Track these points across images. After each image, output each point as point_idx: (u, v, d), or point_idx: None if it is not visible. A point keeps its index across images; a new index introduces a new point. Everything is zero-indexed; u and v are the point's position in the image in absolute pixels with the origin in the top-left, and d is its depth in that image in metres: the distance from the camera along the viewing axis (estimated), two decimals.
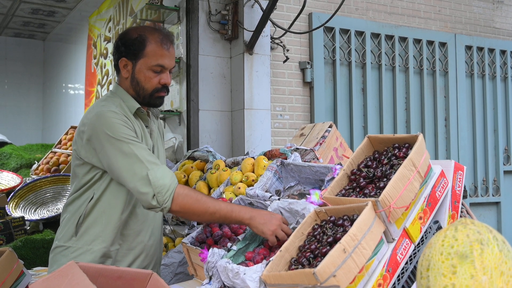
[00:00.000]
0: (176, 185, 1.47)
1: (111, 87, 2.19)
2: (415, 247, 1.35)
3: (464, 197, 4.85)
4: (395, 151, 1.45)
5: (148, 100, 1.63)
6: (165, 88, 1.64)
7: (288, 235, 1.42)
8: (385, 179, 1.37)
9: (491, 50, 4.45)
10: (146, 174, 1.44)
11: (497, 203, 4.42)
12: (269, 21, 2.91)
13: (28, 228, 2.94)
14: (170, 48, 1.62)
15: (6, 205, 2.97)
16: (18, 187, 3.21)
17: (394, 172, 1.33)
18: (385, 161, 1.44)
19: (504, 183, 4.44)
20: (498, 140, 4.44)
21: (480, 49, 4.40)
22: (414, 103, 4.04)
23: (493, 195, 4.40)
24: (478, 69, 4.40)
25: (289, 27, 3.08)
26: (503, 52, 4.52)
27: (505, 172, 4.47)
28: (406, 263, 1.32)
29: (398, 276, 1.29)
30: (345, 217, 1.31)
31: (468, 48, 4.33)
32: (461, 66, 4.26)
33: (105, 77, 4.96)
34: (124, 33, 1.66)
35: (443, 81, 4.23)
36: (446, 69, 4.21)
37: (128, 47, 1.61)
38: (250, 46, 3.00)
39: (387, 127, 3.91)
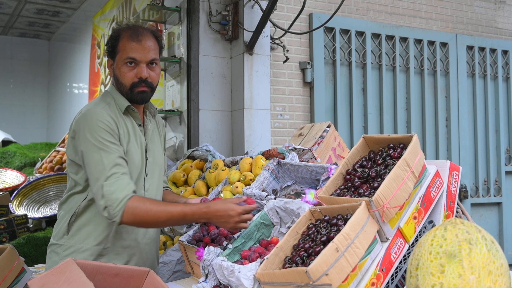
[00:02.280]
0: (129, 198, 1.46)
1: None
2: (409, 246, 1.36)
3: (465, 197, 4.77)
4: (390, 151, 1.46)
5: (130, 96, 1.62)
6: (143, 82, 1.61)
7: (250, 220, 1.49)
8: (379, 179, 1.39)
9: (493, 50, 4.44)
10: (101, 186, 1.47)
11: (498, 204, 4.41)
12: (269, 21, 2.93)
13: (31, 226, 2.97)
14: (142, 41, 1.60)
15: (9, 203, 3.01)
16: (22, 186, 3.24)
17: (388, 172, 1.35)
18: (380, 161, 1.45)
19: (505, 183, 4.43)
20: (500, 140, 4.42)
21: (482, 49, 4.38)
22: (414, 103, 4.04)
23: (494, 196, 4.38)
24: (479, 69, 4.38)
25: (289, 28, 3.09)
26: (505, 52, 4.51)
27: (507, 172, 4.45)
28: (400, 262, 1.33)
29: (392, 275, 1.31)
30: (339, 217, 1.32)
31: (470, 48, 4.32)
32: (462, 66, 4.25)
33: (108, 76, 4.99)
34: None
35: (444, 81, 4.22)
36: (447, 69, 4.20)
37: (108, 47, 1.65)
38: (250, 47, 3.01)
39: (388, 127, 3.91)
